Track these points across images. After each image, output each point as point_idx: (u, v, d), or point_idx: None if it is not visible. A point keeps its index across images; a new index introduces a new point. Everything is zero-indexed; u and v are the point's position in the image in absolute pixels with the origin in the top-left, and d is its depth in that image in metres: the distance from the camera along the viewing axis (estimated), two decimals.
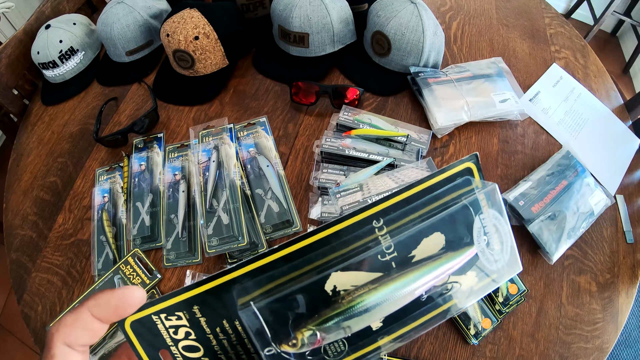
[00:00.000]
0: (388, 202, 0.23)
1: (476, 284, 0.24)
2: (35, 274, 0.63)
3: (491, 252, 0.24)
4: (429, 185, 0.24)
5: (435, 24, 0.73)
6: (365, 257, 0.22)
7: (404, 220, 0.23)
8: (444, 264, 0.23)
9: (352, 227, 0.22)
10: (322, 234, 0.22)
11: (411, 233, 0.23)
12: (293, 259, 0.22)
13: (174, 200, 0.65)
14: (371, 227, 0.22)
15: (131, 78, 0.81)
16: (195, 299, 0.22)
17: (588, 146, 0.73)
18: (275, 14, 0.76)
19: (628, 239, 0.65)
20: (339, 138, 0.66)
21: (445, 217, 0.23)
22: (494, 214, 0.24)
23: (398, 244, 0.23)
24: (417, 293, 0.23)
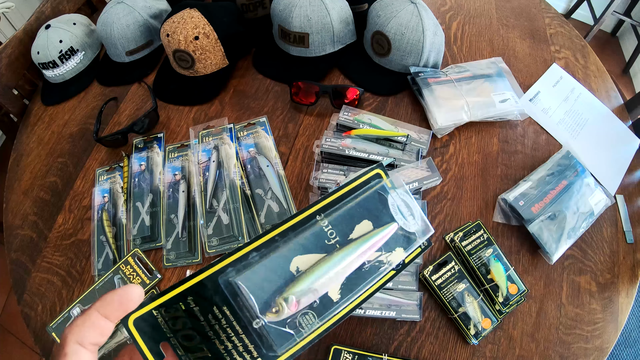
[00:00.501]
0: (324, 202, 0.31)
1: (404, 254, 0.32)
2: (35, 274, 0.63)
3: (407, 222, 0.33)
4: (351, 187, 0.32)
5: (435, 24, 0.73)
6: (315, 242, 0.29)
7: (339, 212, 0.31)
8: (374, 236, 0.31)
9: (302, 221, 0.30)
10: (281, 228, 0.29)
11: (346, 221, 0.31)
12: (262, 249, 0.28)
13: (174, 200, 0.65)
14: (316, 220, 0.30)
15: (131, 78, 0.81)
16: (189, 290, 0.26)
17: (588, 146, 0.73)
18: (275, 14, 0.76)
19: (628, 239, 0.65)
20: (339, 138, 0.66)
21: (366, 202, 0.32)
22: (400, 191, 0.33)
23: (338, 230, 0.30)
24: (359, 260, 0.30)
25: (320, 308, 0.29)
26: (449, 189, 0.67)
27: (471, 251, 0.59)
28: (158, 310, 0.25)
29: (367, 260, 0.31)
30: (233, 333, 0.26)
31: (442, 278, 0.57)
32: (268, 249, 0.28)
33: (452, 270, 0.57)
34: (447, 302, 0.56)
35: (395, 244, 0.32)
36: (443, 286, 0.56)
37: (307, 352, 0.27)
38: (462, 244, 0.59)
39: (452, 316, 0.56)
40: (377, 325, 0.56)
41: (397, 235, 0.32)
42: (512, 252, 0.62)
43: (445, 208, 0.65)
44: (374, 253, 0.31)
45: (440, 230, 0.63)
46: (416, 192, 0.62)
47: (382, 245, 0.32)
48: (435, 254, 0.61)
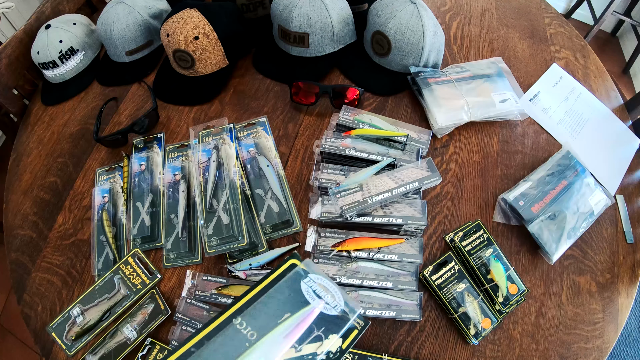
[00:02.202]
0: (240, 303, 0.30)
1: (340, 341, 0.32)
2: (35, 274, 0.63)
3: (329, 303, 0.32)
4: (267, 282, 0.32)
5: (435, 24, 0.73)
6: (236, 347, 0.28)
7: (257, 311, 0.30)
8: (292, 318, 0.30)
9: (218, 327, 0.29)
10: (195, 339, 0.28)
11: (264, 317, 0.30)
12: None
13: (174, 200, 0.65)
14: (232, 324, 0.29)
15: (131, 78, 0.81)
16: None
17: (588, 146, 0.73)
18: (275, 13, 0.76)
19: (628, 239, 0.65)
20: (339, 138, 0.66)
21: (282, 294, 0.31)
22: (315, 276, 0.33)
23: (256, 328, 0.29)
24: (283, 347, 0.29)
25: None
26: (449, 189, 0.67)
27: (471, 251, 0.59)
28: None
29: (295, 353, 0.29)
30: None
31: (442, 278, 0.57)
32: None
33: (452, 270, 0.57)
34: (447, 302, 0.56)
35: (327, 331, 0.31)
36: (443, 286, 0.56)
37: None
38: (462, 244, 0.59)
39: (452, 316, 0.56)
40: (377, 325, 0.56)
41: (326, 322, 0.31)
42: (512, 252, 0.62)
43: (445, 208, 0.65)
44: (302, 346, 0.30)
45: (440, 230, 0.63)
46: (416, 192, 0.62)
47: (309, 332, 0.30)
48: (435, 254, 0.61)
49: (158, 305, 0.56)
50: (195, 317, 0.54)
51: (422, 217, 0.60)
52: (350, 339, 0.33)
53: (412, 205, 0.61)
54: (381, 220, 0.59)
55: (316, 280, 0.33)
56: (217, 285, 0.57)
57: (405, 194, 0.60)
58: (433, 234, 0.62)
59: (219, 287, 0.56)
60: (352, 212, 0.57)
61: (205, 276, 0.58)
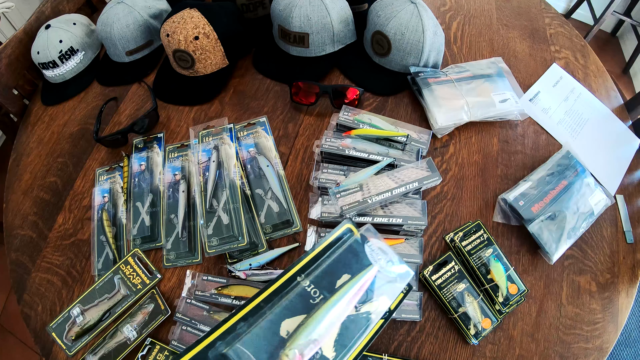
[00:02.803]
0: (303, 262, 0.32)
1: (389, 302, 0.34)
2: (35, 274, 0.63)
3: (385, 267, 0.34)
4: (326, 244, 0.34)
5: (435, 24, 0.73)
6: (301, 303, 0.30)
7: (318, 271, 0.32)
8: (358, 280, 0.32)
9: (284, 284, 0.31)
10: (265, 293, 0.30)
11: (327, 277, 0.32)
12: (248, 318, 0.28)
13: (174, 200, 0.65)
14: (297, 281, 0.31)
15: (131, 78, 0.81)
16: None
17: (588, 146, 0.73)
18: (275, 14, 0.76)
19: (628, 239, 0.65)
20: (339, 138, 0.66)
21: (342, 257, 0.33)
22: (376, 241, 0.35)
23: (321, 288, 0.31)
24: (350, 304, 0.31)
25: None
26: (449, 189, 0.67)
27: (471, 251, 0.59)
28: None
29: (355, 311, 0.31)
30: None
31: (442, 278, 0.57)
32: (255, 316, 0.29)
33: (452, 270, 0.57)
34: (447, 302, 0.56)
35: (378, 293, 0.33)
36: (443, 286, 0.56)
37: None
38: (462, 244, 0.59)
39: (452, 316, 0.56)
40: None
41: (379, 283, 0.33)
42: (512, 252, 0.62)
43: (445, 208, 0.65)
44: (362, 306, 0.32)
45: (440, 230, 0.63)
46: (416, 192, 0.62)
47: (367, 293, 0.32)
48: (435, 254, 0.61)
49: (158, 305, 0.56)
50: (195, 317, 0.54)
51: (422, 217, 0.60)
52: (397, 301, 0.35)
53: (412, 205, 0.61)
54: (381, 220, 0.59)
55: (377, 244, 0.35)
56: (217, 285, 0.57)
57: (405, 194, 0.60)
58: (433, 234, 0.62)
59: (219, 287, 0.56)
60: (352, 212, 0.57)
61: (205, 276, 0.58)
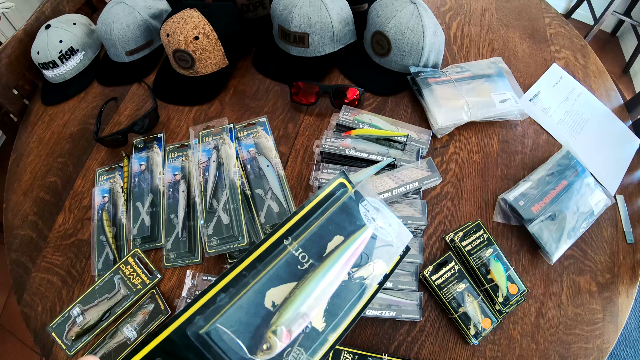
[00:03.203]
0: (290, 223, 0.28)
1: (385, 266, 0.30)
2: (35, 274, 0.63)
3: (382, 228, 0.30)
4: (316, 202, 0.30)
5: (435, 24, 0.73)
6: (288, 270, 0.27)
7: (307, 232, 0.28)
8: (350, 244, 0.29)
9: (269, 249, 0.27)
10: (247, 260, 0.26)
11: (317, 240, 0.28)
12: (229, 288, 0.25)
13: (174, 200, 0.65)
14: (283, 245, 0.27)
15: (131, 78, 0.81)
16: (156, 351, 0.23)
17: (588, 146, 0.73)
18: (275, 14, 0.76)
19: (628, 239, 0.65)
20: (339, 138, 0.66)
21: (334, 216, 0.29)
22: (371, 199, 0.31)
23: (310, 252, 0.28)
24: (342, 272, 0.28)
25: (306, 342, 0.26)
26: (449, 189, 0.67)
27: (471, 251, 0.59)
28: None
29: (348, 277, 0.28)
30: None
31: (442, 278, 0.57)
32: (237, 286, 0.25)
33: (452, 270, 0.57)
34: (447, 302, 0.56)
35: (373, 256, 0.29)
36: (443, 286, 0.56)
37: None
38: (462, 244, 0.59)
39: (452, 316, 0.56)
40: (377, 325, 0.56)
41: (374, 246, 0.30)
42: (512, 252, 0.62)
43: (445, 208, 0.65)
44: (355, 271, 0.28)
45: (440, 230, 0.63)
46: (416, 192, 0.62)
47: (361, 256, 0.29)
48: (435, 254, 0.61)
49: (158, 305, 0.56)
50: None
51: (422, 217, 0.60)
52: (394, 265, 0.31)
53: (412, 205, 0.61)
54: None
55: (372, 204, 0.31)
56: None
57: (405, 194, 0.60)
58: (433, 234, 0.62)
59: None
60: None
61: (205, 276, 0.58)
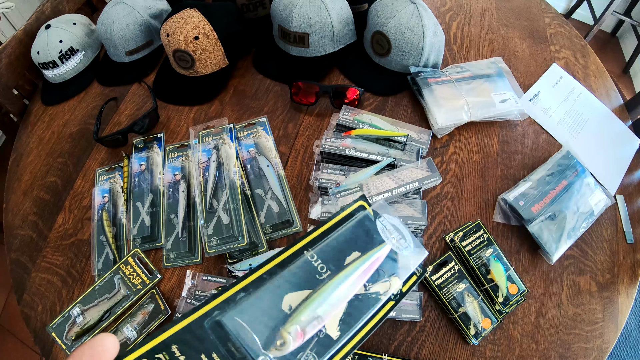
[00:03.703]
0: (310, 237, 0.30)
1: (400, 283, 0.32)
2: (35, 274, 0.63)
3: (399, 244, 0.32)
4: (336, 221, 0.32)
5: (435, 24, 0.73)
6: (306, 278, 0.28)
7: (327, 246, 0.30)
8: (368, 258, 0.30)
9: (290, 257, 0.28)
10: (268, 265, 0.28)
11: (335, 254, 0.30)
12: (249, 289, 0.26)
13: (174, 200, 0.65)
14: (304, 255, 0.29)
15: (131, 78, 0.81)
16: (172, 338, 0.23)
17: (588, 146, 0.73)
18: (275, 13, 0.76)
19: (628, 239, 0.65)
20: (339, 138, 0.66)
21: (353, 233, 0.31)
22: (388, 217, 0.33)
23: (328, 264, 0.29)
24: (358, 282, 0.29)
25: (319, 348, 0.27)
26: (449, 189, 0.67)
27: (471, 251, 0.59)
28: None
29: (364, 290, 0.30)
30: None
31: (442, 278, 0.57)
32: (257, 289, 0.26)
33: (452, 270, 0.57)
34: (447, 302, 0.56)
35: (390, 272, 0.31)
36: (443, 286, 0.56)
37: None
38: (462, 244, 0.59)
39: (452, 316, 0.56)
40: None
41: (391, 264, 0.31)
42: (512, 252, 0.62)
43: (445, 208, 0.65)
44: (371, 285, 0.30)
45: (440, 230, 0.63)
46: (416, 192, 0.62)
47: (378, 272, 0.30)
48: (435, 254, 0.61)
49: (158, 305, 0.56)
50: None
51: (422, 217, 0.60)
52: (410, 284, 0.33)
53: (412, 205, 0.61)
54: None
55: (390, 221, 0.33)
56: (217, 285, 0.57)
57: (405, 194, 0.60)
58: (433, 234, 0.62)
59: (219, 287, 0.56)
60: None
61: (205, 276, 0.58)
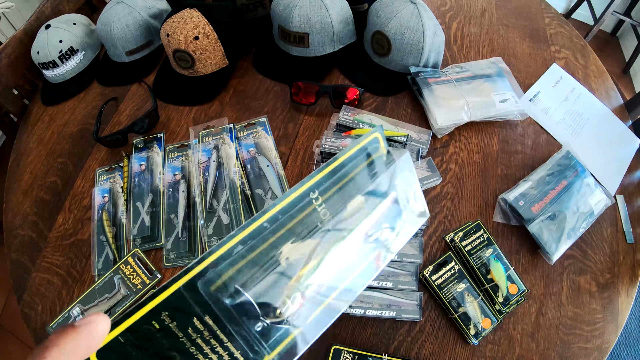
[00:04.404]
0: (318, 176, 0.27)
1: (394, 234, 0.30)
2: (35, 274, 0.63)
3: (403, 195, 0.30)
4: (347, 156, 0.29)
5: (435, 24, 0.73)
6: (306, 226, 0.26)
7: (335, 188, 0.27)
8: (371, 211, 0.28)
9: (294, 201, 0.26)
10: (269, 213, 0.25)
11: (339, 198, 0.27)
12: (248, 240, 0.24)
13: (174, 200, 0.65)
14: (309, 199, 0.26)
15: (131, 78, 0.81)
16: (162, 305, 0.22)
17: (588, 146, 0.73)
18: (275, 14, 0.76)
19: (628, 239, 0.65)
20: (339, 138, 0.66)
21: (362, 174, 0.28)
22: (403, 164, 0.30)
23: (331, 209, 0.27)
24: (357, 243, 0.27)
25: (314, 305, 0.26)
26: (449, 189, 0.67)
27: (471, 251, 0.59)
28: (125, 335, 0.21)
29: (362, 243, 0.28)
30: (217, 343, 0.23)
31: (442, 278, 0.57)
32: (256, 239, 0.24)
33: (452, 270, 0.57)
34: (447, 302, 0.56)
35: (386, 221, 0.29)
36: (443, 286, 0.56)
37: (306, 352, 0.25)
38: (462, 244, 0.59)
39: (452, 316, 0.56)
40: (377, 325, 0.56)
41: (391, 211, 0.29)
42: (512, 252, 0.62)
43: (445, 208, 0.65)
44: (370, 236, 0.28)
45: (440, 230, 0.63)
46: None
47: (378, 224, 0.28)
48: (435, 254, 0.61)
49: None
50: None
51: None
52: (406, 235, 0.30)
53: None
54: None
55: (401, 168, 0.30)
56: None
57: None
58: (433, 234, 0.62)
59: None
60: None
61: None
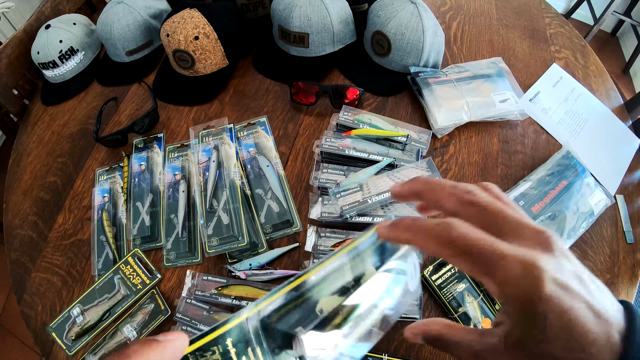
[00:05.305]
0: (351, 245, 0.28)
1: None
2: (35, 274, 0.63)
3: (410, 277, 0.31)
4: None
5: (435, 24, 0.73)
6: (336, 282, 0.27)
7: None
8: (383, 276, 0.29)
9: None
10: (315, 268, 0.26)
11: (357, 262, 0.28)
12: (300, 289, 0.26)
13: (174, 200, 0.65)
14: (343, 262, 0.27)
15: (131, 78, 0.81)
16: (230, 331, 0.24)
17: (588, 146, 0.73)
18: (275, 14, 0.76)
19: (628, 239, 0.65)
20: (339, 138, 0.66)
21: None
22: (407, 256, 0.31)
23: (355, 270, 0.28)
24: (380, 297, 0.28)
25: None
26: None
27: None
28: (194, 354, 0.23)
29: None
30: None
31: (442, 278, 0.57)
32: (301, 290, 0.27)
33: (452, 270, 0.57)
34: (447, 302, 0.56)
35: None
36: (443, 286, 0.56)
37: None
38: None
39: (452, 316, 0.56)
40: None
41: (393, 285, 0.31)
42: None
43: None
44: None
45: None
46: None
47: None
48: None
49: (158, 305, 0.56)
50: (195, 317, 0.54)
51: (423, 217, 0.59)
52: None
53: (412, 205, 0.61)
54: (381, 220, 0.59)
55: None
56: (217, 285, 0.57)
57: None
58: None
59: (219, 287, 0.56)
60: (352, 212, 0.57)
61: (205, 276, 0.58)
